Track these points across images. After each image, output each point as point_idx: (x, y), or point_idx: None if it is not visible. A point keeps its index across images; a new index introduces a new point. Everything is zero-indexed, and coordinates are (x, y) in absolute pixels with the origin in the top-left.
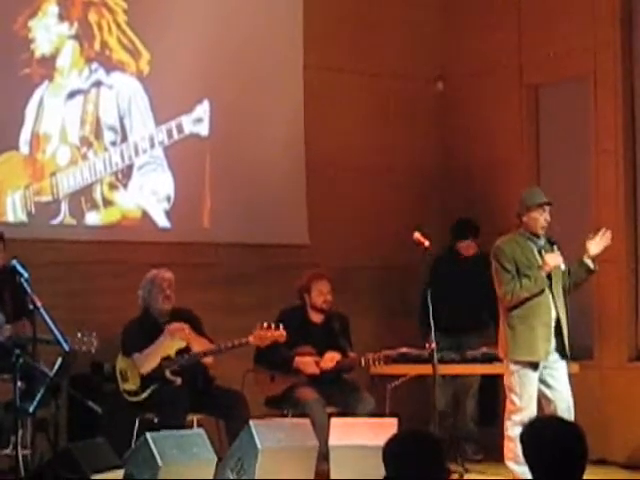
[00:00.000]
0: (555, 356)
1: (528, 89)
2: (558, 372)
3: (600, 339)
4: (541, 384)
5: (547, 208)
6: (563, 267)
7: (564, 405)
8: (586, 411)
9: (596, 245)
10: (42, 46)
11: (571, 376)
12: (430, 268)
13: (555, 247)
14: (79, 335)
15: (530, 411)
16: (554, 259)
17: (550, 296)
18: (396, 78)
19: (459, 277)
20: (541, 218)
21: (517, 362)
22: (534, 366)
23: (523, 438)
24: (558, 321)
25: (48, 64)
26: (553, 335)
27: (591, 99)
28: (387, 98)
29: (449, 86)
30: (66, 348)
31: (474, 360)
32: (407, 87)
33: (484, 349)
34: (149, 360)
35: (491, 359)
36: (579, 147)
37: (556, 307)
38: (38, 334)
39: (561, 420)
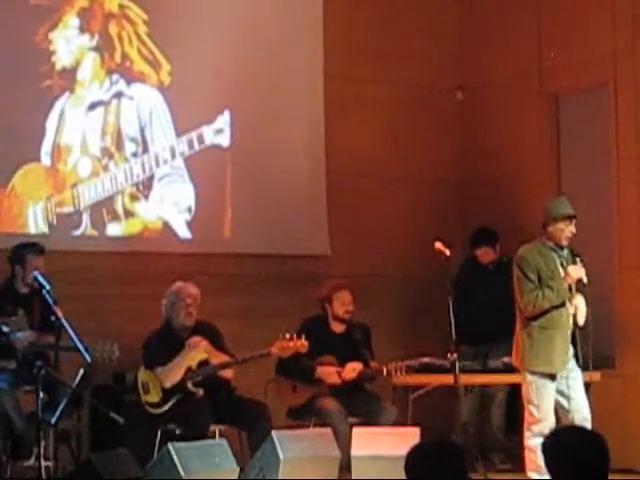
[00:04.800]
0: (571, 365)
1: (548, 97)
2: (574, 382)
3: (622, 347)
4: (558, 394)
5: (573, 220)
6: (585, 280)
7: (581, 415)
8: (608, 420)
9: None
10: (63, 58)
11: (590, 385)
12: (453, 279)
13: (578, 259)
14: (100, 344)
15: (549, 422)
16: (577, 271)
17: (571, 308)
18: (416, 88)
19: (482, 285)
20: (567, 230)
21: (534, 373)
22: (551, 377)
23: (545, 448)
24: (573, 329)
25: (69, 76)
26: (570, 347)
27: (611, 106)
28: (407, 107)
29: (469, 95)
30: (88, 359)
31: (496, 370)
32: (427, 96)
33: (506, 359)
34: (172, 374)
35: (513, 369)
36: (600, 154)
37: (575, 319)
38: (60, 343)
39: (583, 430)
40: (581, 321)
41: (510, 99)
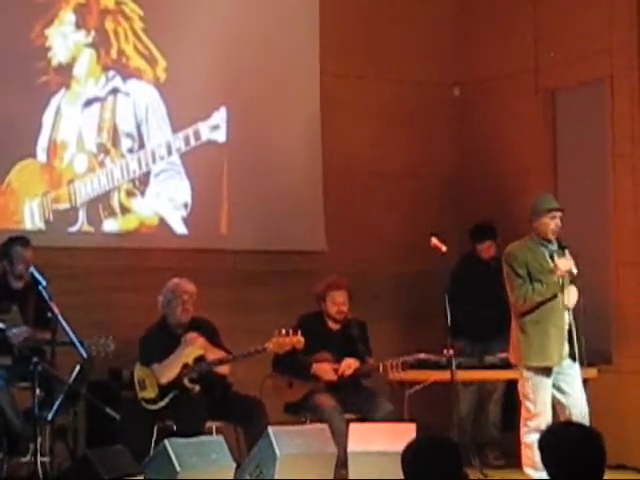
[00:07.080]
0: (568, 361)
1: (545, 93)
2: (571, 377)
3: (619, 343)
4: (555, 390)
5: (558, 214)
6: (575, 271)
7: (578, 411)
8: (605, 416)
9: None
10: (59, 54)
11: (587, 381)
12: (452, 274)
13: (567, 251)
14: (95, 338)
15: (545, 417)
16: (565, 263)
17: (564, 296)
18: (412, 84)
19: (483, 281)
20: (552, 223)
21: (530, 368)
22: (547, 372)
23: (542, 444)
24: (570, 325)
25: (65, 72)
26: (566, 339)
27: (608, 103)
28: (403, 104)
29: (465, 92)
30: (84, 355)
31: (493, 366)
32: (423, 93)
33: (503, 354)
34: (168, 371)
35: (510, 364)
36: (596, 151)
37: (568, 311)
38: (56, 339)
39: (579, 426)
40: (570, 304)
41: (507, 95)
